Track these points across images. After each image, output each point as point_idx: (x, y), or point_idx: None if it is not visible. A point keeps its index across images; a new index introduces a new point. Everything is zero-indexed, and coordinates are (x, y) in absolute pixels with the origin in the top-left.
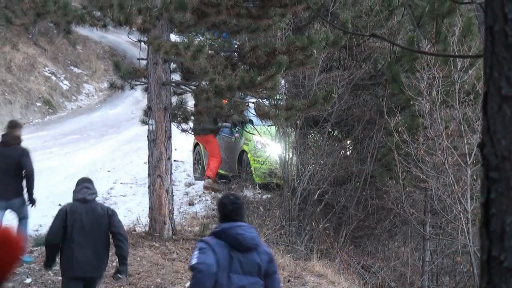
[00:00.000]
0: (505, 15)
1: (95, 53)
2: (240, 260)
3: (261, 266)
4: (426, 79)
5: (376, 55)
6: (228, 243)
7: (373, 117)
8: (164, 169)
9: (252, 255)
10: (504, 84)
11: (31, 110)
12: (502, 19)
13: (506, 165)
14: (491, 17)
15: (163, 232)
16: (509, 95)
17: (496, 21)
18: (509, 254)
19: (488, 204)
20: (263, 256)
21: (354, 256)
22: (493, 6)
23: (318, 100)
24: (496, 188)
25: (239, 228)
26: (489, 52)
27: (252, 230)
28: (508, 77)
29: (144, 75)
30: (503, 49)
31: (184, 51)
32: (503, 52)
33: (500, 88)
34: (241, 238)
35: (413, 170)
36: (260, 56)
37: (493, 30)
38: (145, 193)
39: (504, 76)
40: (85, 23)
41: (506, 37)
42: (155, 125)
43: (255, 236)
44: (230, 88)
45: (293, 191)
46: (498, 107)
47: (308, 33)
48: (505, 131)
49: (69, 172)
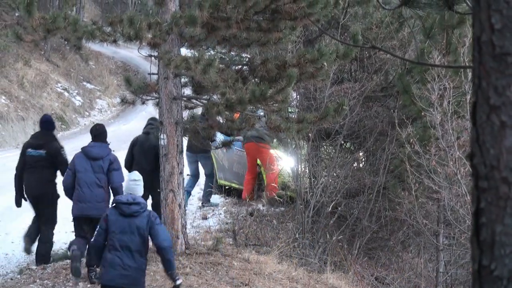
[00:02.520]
0: (492, 25)
1: (107, 68)
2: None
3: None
4: (437, 90)
5: (387, 66)
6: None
7: (385, 129)
8: (176, 184)
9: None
10: (492, 94)
11: None
12: (489, 29)
13: (495, 174)
14: (478, 28)
15: (176, 246)
16: (497, 104)
17: (483, 31)
18: (500, 263)
19: (478, 213)
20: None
21: (368, 268)
22: (480, 17)
23: (330, 112)
24: (486, 197)
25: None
26: (477, 62)
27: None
28: (496, 87)
29: (155, 90)
30: (490, 60)
31: (195, 65)
32: (490, 62)
33: (488, 98)
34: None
35: (425, 181)
36: (270, 69)
37: (480, 41)
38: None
39: (492, 86)
40: (95, 38)
41: (493, 47)
42: (167, 139)
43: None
44: (241, 102)
45: (306, 204)
46: (486, 117)
47: (318, 45)
48: (493, 141)
49: None
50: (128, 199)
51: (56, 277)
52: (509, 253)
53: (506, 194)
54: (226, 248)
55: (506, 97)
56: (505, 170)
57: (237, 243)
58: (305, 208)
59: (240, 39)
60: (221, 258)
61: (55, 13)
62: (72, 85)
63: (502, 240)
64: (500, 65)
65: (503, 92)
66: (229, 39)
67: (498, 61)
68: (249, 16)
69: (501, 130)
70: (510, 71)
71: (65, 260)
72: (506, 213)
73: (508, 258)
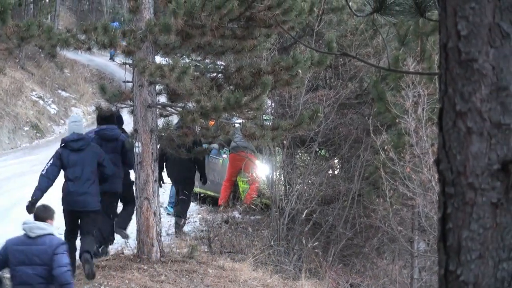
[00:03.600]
0: (458, 32)
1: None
2: None
3: None
4: (412, 97)
5: (362, 73)
6: None
7: (360, 136)
8: (151, 192)
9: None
10: (458, 100)
11: (19, 134)
12: (455, 36)
13: (461, 180)
14: (445, 34)
15: (151, 254)
16: (464, 111)
17: (450, 38)
18: (466, 268)
19: (444, 219)
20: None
21: (343, 275)
22: (447, 24)
23: (304, 119)
24: (452, 203)
25: None
26: (443, 69)
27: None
28: (462, 93)
29: (130, 98)
30: (457, 66)
31: (169, 73)
32: (456, 69)
33: (454, 104)
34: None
35: (400, 188)
36: (245, 77)
37: (447, 47)
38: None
39: (458, 92)
40: (70, 46)
41: (460, 53)
42: (142, 147)
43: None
44: (216, 109)
45: (281, 211)
46: (453, 123)
47: (293, 53)
48: (460, 147)
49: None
50: (74, 137)
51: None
52: (475, 258)
53: (472, 200)
54: (201, 255)
55: (472, 103)
56: (471, 176)
57: (212, 251)
58: (280, 216)
59: (214, 46)
60: (196, 265)
61: (29, 21)
62: (47, 93)
63: (468, 245)
64: (466, 71)
65: (469, 99)
66: (203, 47)
67: (464, 67)
68: (223, 24)
69: (467, 136)
70: (476, 78)
71: None
72: (472, 219)
73: (474, 264)
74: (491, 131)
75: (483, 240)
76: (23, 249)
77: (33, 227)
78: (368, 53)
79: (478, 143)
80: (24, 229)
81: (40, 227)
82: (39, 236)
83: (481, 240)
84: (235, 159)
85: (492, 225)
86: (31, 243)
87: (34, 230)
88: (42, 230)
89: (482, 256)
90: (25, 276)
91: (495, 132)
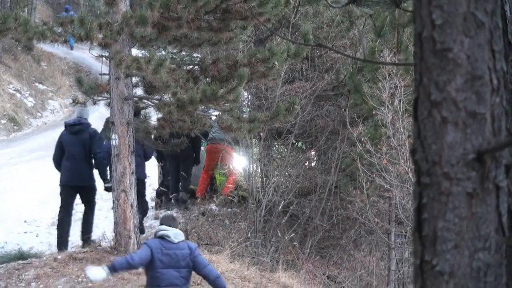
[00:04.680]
0: (432, 21)
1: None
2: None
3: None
4: (388, 88)
5: (338, 65)
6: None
7: (337, 128)
8: (128, 184)
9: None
10: (433, 89)
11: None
12: (430, 25)
13: (436, 170)
14: (419, 24)
15: (129, 246)
16: (439, 100)
17: (424, 27)
18: (442, 258)
19: (420, 209)
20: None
21: (320, 267)
22: (421, 13)
23: (281, 111)
24: (428, 193)
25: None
26: (418, 58)
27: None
28: (437, 83)
29: (107, 90)
30: (431, 55)
31: (146, 66)
32: (431, 58)
33: (429, 94)
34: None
35: (377, 180)
36: (221, 69)
37: (422, 37)
38: (110, 208)
39: (433, 82)
40: (46, 39)
41: (434, 43)
42: (118, 140)
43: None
44: (192, 102)
45: (258, 203)
46: (428, 113)
47: (269, 45)
48: (435, 136)
49: (34, 188)
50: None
51: (8, 277)
52: (450, 248)
53: (448, 189)
54: None
55: (447, 92)
56: (447, 166)
57: None
58: (257, 208)
59: (191, 39)
60: None
61: (6, 14)
62: (24, 86)
63: (444, 235)
64: (441, 61)
65: (444, 88)
66: (180, 39)
67: (439, 57)
68: (200, 16)
69: (442, 125)
70: (451, 67)
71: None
72: (447, 209)
73: (449, 253)
74: (466, 121)
75: (458, 230)
76: (170, 253)
77: (177, 233)
78: (345, 45)
79: (453, 132)
80: (168, 235)
81: (180, 233)
82: (180, 241)
83: (456, 230)
84: (212, 151)
85: (467, 215)
86: (175, 248)
87: (178, 236)
88: (182, 236)
89: (458, 246)
90: (173, 278)
91: (470, 122)
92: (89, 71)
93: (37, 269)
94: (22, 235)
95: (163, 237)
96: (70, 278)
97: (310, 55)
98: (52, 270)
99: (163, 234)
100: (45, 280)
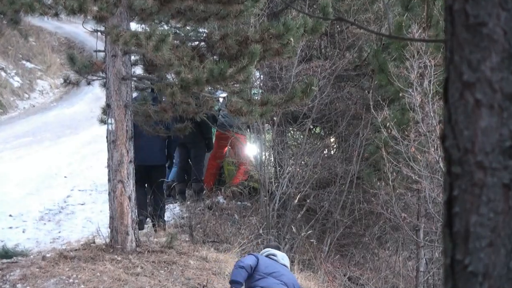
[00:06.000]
0: None
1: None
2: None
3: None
4: (417, 68)
5: (361, 42)
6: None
7: (359, 112)
8: (126, 174)
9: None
10: (465, 69)
11: None
12: None
13: (469, 158)
14: None
15: (126, 243)
16: (471, 81)
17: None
18: (475, 257)
19: (450, 202)
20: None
21: (340, 267)
22: None
23: (297, 93)
24: (459, 184)
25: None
26: (449, 34)
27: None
28: (470, 61)
29: (102, 69)
30: (463, 30)
31: (146, 42)
32: (463, 34)
33: (461, 74)
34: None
35: (404, 170)
36: (230, 46)
37: (453, 10)
38: (106, 201)
39: (465, 60)
40: (35, 11)
41: (467, 17)
42: (115, 124)
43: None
44: (198, 82)
45: (270, 196)
46: (459, 95)
47: (284, 19)
48: (467, 121)
49: (21, 179)
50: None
51: None
52: (485, 246)
53: (482, 180)
54: (182, 245)
55: (481, 72)
56: (480, 154)
57: (194, 240)
58: (270, 201)
59: (196, 12)
60: (176, 256)
61: None
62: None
63: (477, 231)
64: (474, 36)
65: (478, 67)
66: (184, 12)
67: (472, 32)
68: None
69: (475, 109)
70: (485, 44)
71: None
72: (481, 202)
73: (484, 252)
74: (502, 104)
75: (493, 226)
76: (275, 267)
77: (284, 256)
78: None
79: (488, 117)
80: (275, 254)
81: (286, 258)
82: (286, 265)
83: (491, 226)
84: (221, 138)
85: (504, 208)
86: (281, 267)
87: (285, 259)
88: (288, 262)
89: (493, 243)
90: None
91: (507, 105)
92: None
93: (23, 269)
94: (6, 231)
95: (268, 256)
96: (60, 279)
97: (329, 31)
98: (40, 270)
99: (268, 254)
100: (32, 281)
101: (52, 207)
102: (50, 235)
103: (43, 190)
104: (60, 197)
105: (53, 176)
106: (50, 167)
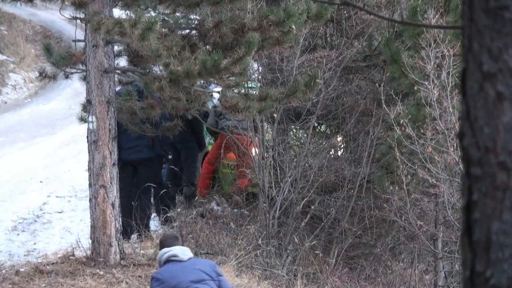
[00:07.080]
0: None
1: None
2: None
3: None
4: (434, 58)
5: (371, 29)
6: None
7: (369, 107)
8: (108, 178)
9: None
10: (485, 58)
11: None
12: None
13: (490, 158)
14: None
15: (109, 256)
16: (493, 71)
17: None
18: (497, 269)
19: (470, 207)
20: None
21: (349, 281)
22: None
23: (300, 87)
24: (479, 187)
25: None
26: (467, 19)
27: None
28: (491, 50)
29: (82, 61)
30: (483, 15)
31: (131, 30)
32: (483, 19)
33: (481, 64)
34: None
35: (420, 173)
36: (225, 34)
37: None
38: (87, 208)
39: (486, 49)
40: None
41: (487, 0)
42: (96, 122)
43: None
44: (189, 75)
45: (270, 202)
46: (479, 87)
47: (285, 4)
48: (488, 117)
49: None
50: None
51: None
52: (508, 256)
53: (505, 183)
54: None
55: (503, 62)
56: (503, 153)
57: None
58: (270, 208)
59: None
60: None
61: None
62: None
63: (499, 240)
64: (496, 22)
65: (500, 56)
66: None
67: (493, 17)
68: None
69: (497, 103)
70: (507, 30)
71: None
72: (504, 207)
73: (507, 263)
74: None
75: None
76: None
77: (184, 250)
78: (379, 4)
79: (511, 111)
80: (174, 254)
81: (187, 250)
82: (190, 258)
83: None
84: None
85: None
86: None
87: (186, 252)
88: (190, 253)
89: None
90: None
91: None
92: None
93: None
94: None
95: (169, 259)
96: None
97: (335, 17)
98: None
99: (168, 256)
100: None
101: (26, 215)
102: (24, 247)
103: (16, 196)
104: (35, 204)
105: (27, 181)
106: (25, 171)
